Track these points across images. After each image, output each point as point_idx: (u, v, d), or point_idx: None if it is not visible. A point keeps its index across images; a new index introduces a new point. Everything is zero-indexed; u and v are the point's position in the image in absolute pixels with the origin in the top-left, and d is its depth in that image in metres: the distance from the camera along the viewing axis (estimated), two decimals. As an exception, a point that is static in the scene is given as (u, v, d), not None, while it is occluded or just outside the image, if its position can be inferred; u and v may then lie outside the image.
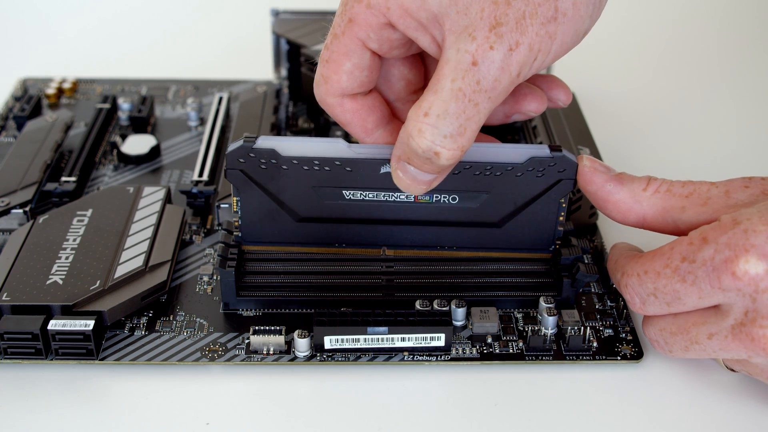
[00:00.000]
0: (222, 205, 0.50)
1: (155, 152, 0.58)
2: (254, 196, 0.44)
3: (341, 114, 0.42)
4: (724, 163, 0.59)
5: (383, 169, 0.42)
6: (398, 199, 0.44)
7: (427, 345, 0.43)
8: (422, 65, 0.44)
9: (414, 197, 0.44)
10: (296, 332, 0.43)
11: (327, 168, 0.42)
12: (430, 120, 0.38)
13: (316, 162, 0.42)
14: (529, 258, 0.46)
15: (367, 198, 0.44)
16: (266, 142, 0.42)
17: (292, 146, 0.42)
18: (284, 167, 0.43)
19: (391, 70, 0.43)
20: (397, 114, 0.44)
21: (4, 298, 0.43)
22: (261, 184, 0.43)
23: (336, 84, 0.41)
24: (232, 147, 0.42)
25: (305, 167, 0.42)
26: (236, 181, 0.43)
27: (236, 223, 0.45)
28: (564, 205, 0.44)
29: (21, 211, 0.50)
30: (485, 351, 0.43)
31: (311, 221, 0.45)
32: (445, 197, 0.44)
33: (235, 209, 0.44)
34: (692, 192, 0.41)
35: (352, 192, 0.44)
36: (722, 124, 0.64)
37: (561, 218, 0.45)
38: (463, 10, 0.37)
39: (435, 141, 0.38)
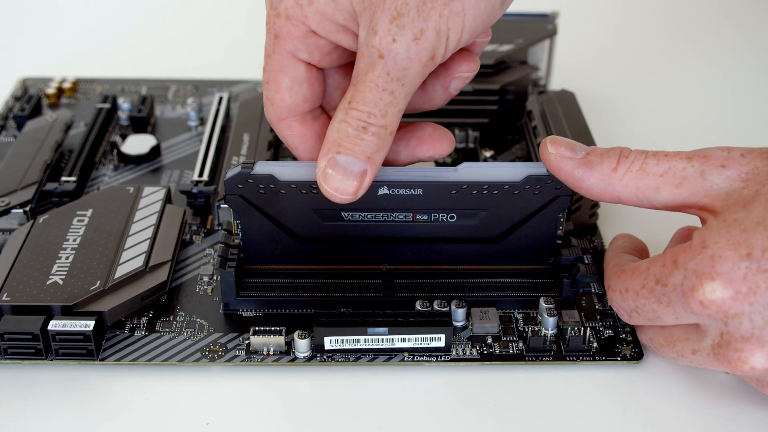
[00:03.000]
0: (222, 205, 0.50)
1: (155, 152, 0.58)
2: (254, 219, 0.44)
3: (290, 137, 0.43)
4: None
5: (380, 191, 0.43)
6: (397, 219, 0.44)
7: (427, 345, 0.43)
8: None
9: (412, 216, 0.44)
10: (296, 333, 0.43)
11: None
12: (353, 104, 0.39)
13: (314, 185, 0.42)
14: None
15: (366, 218, 0.44)
16: (264, 167, 0.43)
17: (290, 171, 0.43)
18: (282, 191, 0.43)
19: (328, 80, 0.44)
20: None
21: (4, 298, 0.43)
22: (260, 208, 0.44)
23: (281, 103, 0.42)
24: (230, 174, 0.43)
25: (303, 191, 0.43)
26: (236, 205, 0.43)
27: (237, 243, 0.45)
28: (562, 220, 0.44)
29: (21, 211, 0.50)
30: (485, 351, 0.43)
31: (312, 242, 0.45)
32: (443, 215, 0.44)
33: (235, 232, 0.45)
34: (667, 170, 0.40)
35: (350, 213, 0.44)
36: (724, 122, 0.64)
37: (559, 232, 0.45)
38: (369, 6, 0.38)
39: (361, 118, 0.39)
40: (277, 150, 0.58)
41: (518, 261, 0.46)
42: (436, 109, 0.45)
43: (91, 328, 0.42)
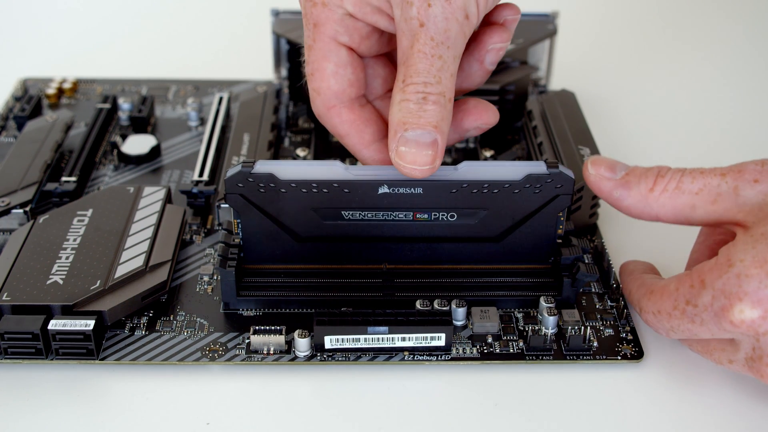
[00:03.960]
0: (222, 205, 0.50)
1: (155, 152, 0.58)
2: (254, 218, 0.44)
3: (339, 125, 0.44)
4: (727, 161, 0.59)
5: (381, 190, 0.43)
6: (397, 218, 0.44)
7: (427, 345, 0.43)
8: (393, 65, 0.46)
9: (413, 215, 0.44)
10: (296, 332, 0.43)
11: (325, 190, 0.43)
12: (408, 80, 0.40)
13: (314, 184, 0.43)
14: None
15: (366, 218, 0.44)
16: (264, 166, 0.43)
17: (290, 170, 0.43)
18: (283, 190, 0.43)
19: (367, 70, 0.45)
20: (380, 113, 0.46)
21: (4, 298, 0.43)
22: (261, 207, 0.44)
23: (327, 91, 0.43)
24: (230, 172, 0.43)
25: (303, 190, 0.43)
26: (236, 204, 0.44)
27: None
28: (562, 219, 0.45)
29: (21, 211, 0.50)
30: (485, 351, 0.43)
31: (312, 241, 0.45)
32: (443, 215, 0.44)
33: (236, 231, 0.45)
34: (702, 188, 0.40)
35: (351, 212, 0.44)
36: (724, 122, 0.64)
37: (559, 231, 0.45)
38: None
39: (418, 90, 0.40)
40: (278, 150, 0.58)
41: (518, 260, 0.46)
42: (476, 88, 0.46)
43: (91, 327, 0.42)
